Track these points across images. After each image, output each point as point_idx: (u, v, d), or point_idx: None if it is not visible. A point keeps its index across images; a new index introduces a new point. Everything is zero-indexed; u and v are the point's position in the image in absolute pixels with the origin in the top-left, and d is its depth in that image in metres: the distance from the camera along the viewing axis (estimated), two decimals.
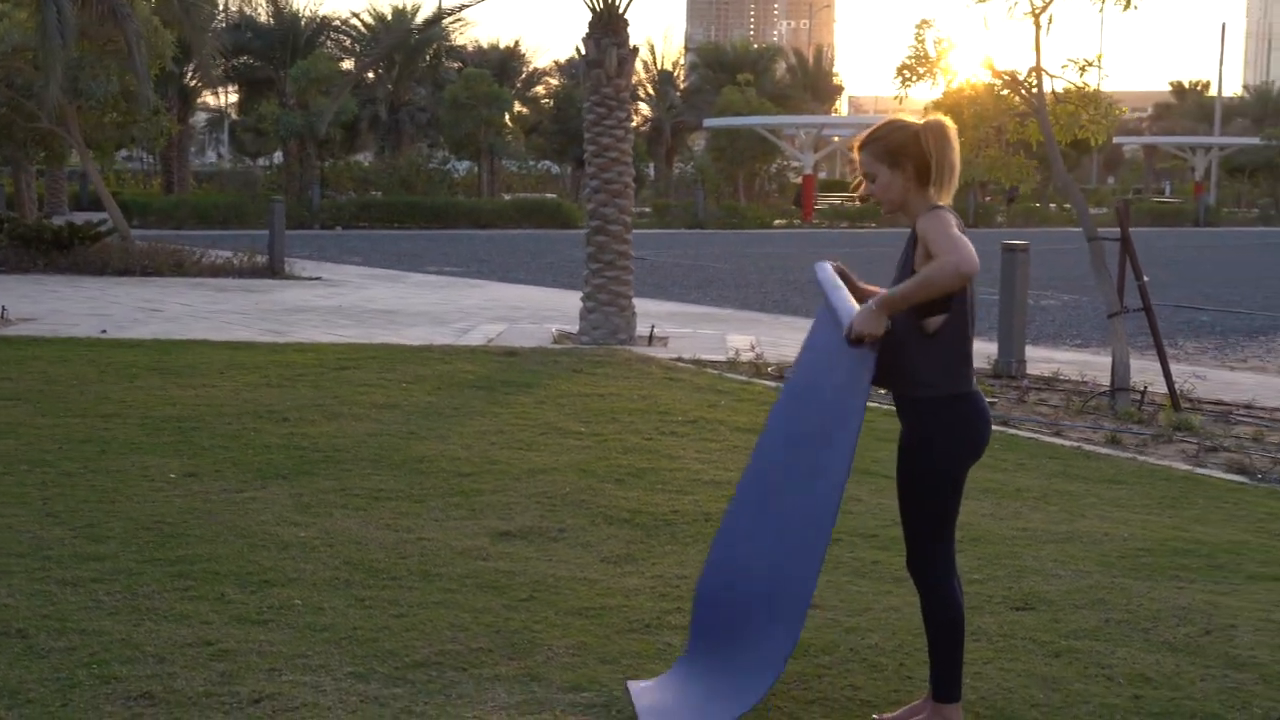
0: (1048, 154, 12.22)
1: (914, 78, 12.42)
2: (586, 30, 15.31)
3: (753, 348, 14.72)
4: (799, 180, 63.12)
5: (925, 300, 4.30)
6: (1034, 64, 12.17)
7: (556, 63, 70.84)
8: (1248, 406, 12.02)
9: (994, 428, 10.60)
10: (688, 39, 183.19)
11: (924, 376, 4.43)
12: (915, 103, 12.96)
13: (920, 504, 4.52)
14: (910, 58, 12.38)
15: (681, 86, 72.59)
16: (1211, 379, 13.69)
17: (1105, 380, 12.92)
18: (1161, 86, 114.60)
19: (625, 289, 15.41)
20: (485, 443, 9.36)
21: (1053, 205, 65.08)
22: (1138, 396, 11.77)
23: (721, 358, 14.14)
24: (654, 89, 70.64)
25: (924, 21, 12.45)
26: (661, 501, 7.86)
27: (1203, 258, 36.38)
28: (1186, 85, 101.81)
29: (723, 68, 72.62)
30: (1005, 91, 12.26)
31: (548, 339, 15.49)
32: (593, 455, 9.09)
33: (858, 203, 64.72)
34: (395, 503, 7.66)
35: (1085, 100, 12.27)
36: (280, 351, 13.63)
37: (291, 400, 10.81)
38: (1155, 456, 9.82)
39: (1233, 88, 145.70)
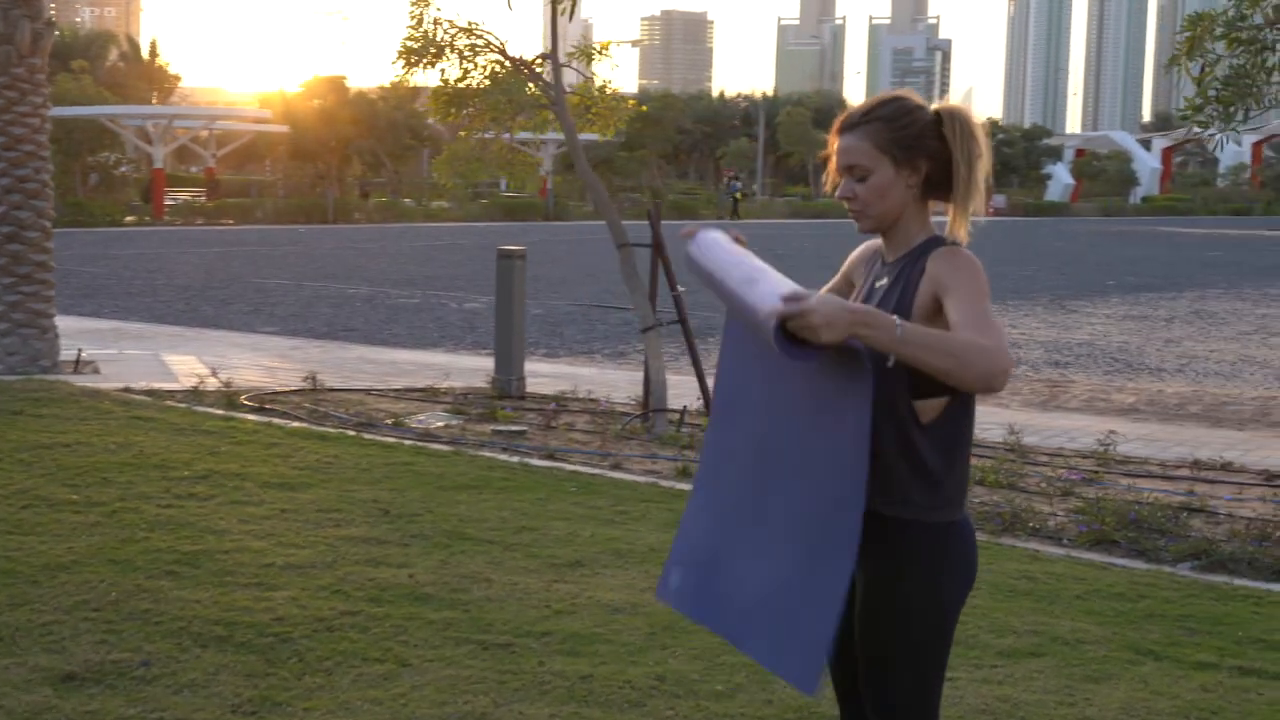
0: (569, 149, 11.04)
1: (416, 62, 10.89)
2: None
3: (214, 373, 12.69)
4: (141, 175, 59.65)
5: (924, 367, 2.79)
6: (548, 50, 10.97)
7: None
8: None
9: (547, 464, 9.37)
10: None
11: (912, 489, 3.02)
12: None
13: (907, 660, 3.11)
14: (410, 39, 10.86)
15: None
16: None
17: (609, 395, 12.07)
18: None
19: (47, 306, 13.01)
20: None
21: (407, 200, 64.70)
22: (675, 417, 10.80)
23: (177, 386, 12.11)
24: None
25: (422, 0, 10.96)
26: (250, 604, 6.02)
27: (578, 253, 36.50)
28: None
29: (53, 53, 67.72)
30: (528, 85, 10.97)
31: None
32: (113, 537, 7.05)
33: (206, 199, 61.77)
34: None
35: (598, 94, 11.21)
36: None
37: None
38: None
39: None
